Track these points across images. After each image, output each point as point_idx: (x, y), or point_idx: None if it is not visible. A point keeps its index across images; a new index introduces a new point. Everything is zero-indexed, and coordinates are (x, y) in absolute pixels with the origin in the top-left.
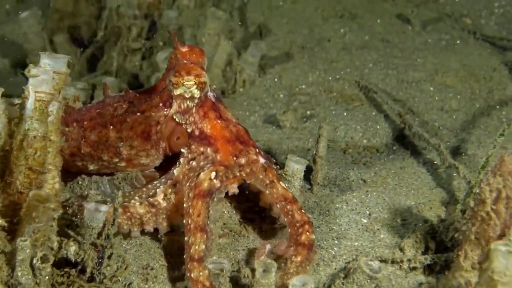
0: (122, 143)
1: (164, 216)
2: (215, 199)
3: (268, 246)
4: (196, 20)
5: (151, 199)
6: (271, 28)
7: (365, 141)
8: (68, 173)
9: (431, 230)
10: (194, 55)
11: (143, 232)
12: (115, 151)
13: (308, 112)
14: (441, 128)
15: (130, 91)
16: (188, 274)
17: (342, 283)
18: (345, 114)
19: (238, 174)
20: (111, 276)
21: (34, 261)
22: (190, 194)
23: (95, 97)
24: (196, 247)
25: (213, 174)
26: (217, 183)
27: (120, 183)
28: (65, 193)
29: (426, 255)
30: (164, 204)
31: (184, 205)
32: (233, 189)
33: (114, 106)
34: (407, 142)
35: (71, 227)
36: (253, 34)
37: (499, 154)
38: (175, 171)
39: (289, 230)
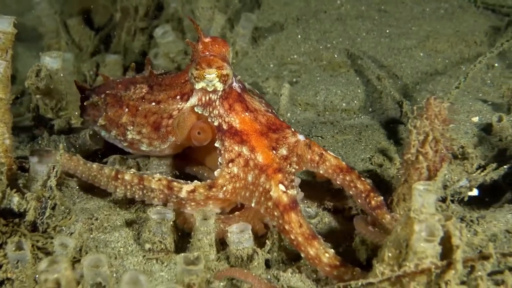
0: (132, 127)
1: (174, 204)
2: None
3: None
4: None
5: (175, 184)
6: (268, 1)
7: (344, 104)
8: None
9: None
10: (216, 46)
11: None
12: (123, 132)
13: (294, 79)
14: (419, 90)
15: (154, 72)
16: (342, 281)
17: None
18: (328, 79)
19: (292, 170)
20: (54, 226)
21: None
22: (276, 213)
23: (99, 75)
24: (327, 255)
25: (281, 186)
26: (291, 192)
27: (76, 141)
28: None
29: None
30: (183, 195)
31: (276, 225)
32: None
33: (136, 87)
34: (382, 103)
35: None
36: (250, 8)
37: (426, 98)
38: (216, 173)
39: (358, 201)
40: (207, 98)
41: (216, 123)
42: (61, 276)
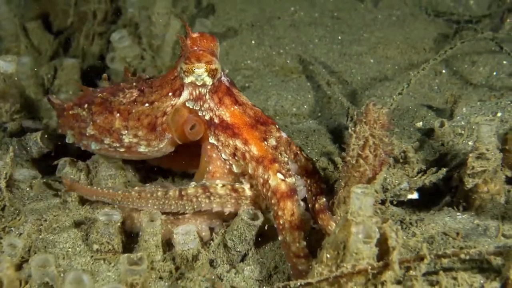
0: (126, 131)
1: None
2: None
3: None
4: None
5: (237, 186)
6: (224, 7)
7: (294, 109)
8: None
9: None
10: (204, 41)
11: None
12: (118, 138)
13: (247, 84)
14: (368, 95)
15: (143, 76)
16: (295, 270)
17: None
18: (280, 85)
19: (285, 159)
20: (3, 227)
21: None
22: (273, 201)
23: (57, 78)
24: (297, 245)
25: (280, 175)
26: (290, 180)
27: (27, 144)
28: None
29: None
30: (249, 193)
31: (272, 212)
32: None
33: (124, 93)
34: (331, 108)
35: None
36: (205, 13)
37: (365, 104)
38: (235, 168)
39: (309, 204)
40: (197, 92)
41: (207, 117)
42: (2, 276)
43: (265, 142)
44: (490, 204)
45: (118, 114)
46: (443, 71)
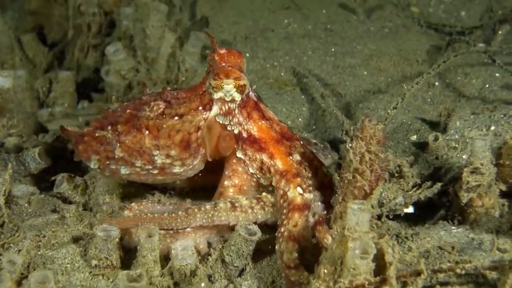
0: (158, 152)
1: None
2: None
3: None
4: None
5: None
6: (217, 20)
7: (289, 122)
8: None
9: None
10: (232, 57)
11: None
12: (149, 159)
13: None
14: (362, 108)
15: (168, 89)
16: (288, 282)
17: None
18: (274, 97)
19: (309, 174)
20: (2, 243)
21: None
22: (284, 211)
23: (52, 91)
24: (289, 256)
25: (299, 189)
26: (308, 195)
27: (25, 159)
28: None
29: None
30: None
31: (279, 221)
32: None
33: (150, 106)
34: (325, 121)
35: None
36: (200, 26)
37: (361, 120)
38: (262, 181)
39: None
40: (227, 107)
41: (236, 131)
42: None
43: (290, 157)
44: (484, 218)
45: (147, 132)
46: (436, 83)
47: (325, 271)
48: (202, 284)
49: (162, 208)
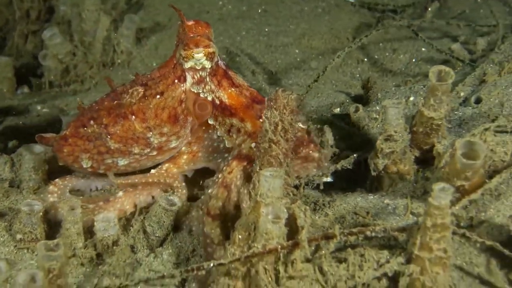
0: (151, 133)
1: None
2: None
3: None
4: None
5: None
6: (153, 3)
7: None
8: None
9: None
10: (200, 28)
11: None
12: (146, 142)
13: None
14: (291, 84)
15: (140, 74)
16: (201, 227)
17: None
18: None
19: None
20: None
21: None
22: (229, 158)
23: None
24: (214, 201)
25: (253, 144)
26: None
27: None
28: None
29: None
30: None
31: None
32: None
33: (129, 93)
34: None
35: None
36: (136, 9)
37: (275, 90)
38: (227, 143)
39: None
40: (198, 76)
41: (209, 98)
42: None
43: (260, 120)
44: (400, 184)
45: (133, 117)
46: (365, 59)
47: (240, 236)
48: None
49: (86, 182)
